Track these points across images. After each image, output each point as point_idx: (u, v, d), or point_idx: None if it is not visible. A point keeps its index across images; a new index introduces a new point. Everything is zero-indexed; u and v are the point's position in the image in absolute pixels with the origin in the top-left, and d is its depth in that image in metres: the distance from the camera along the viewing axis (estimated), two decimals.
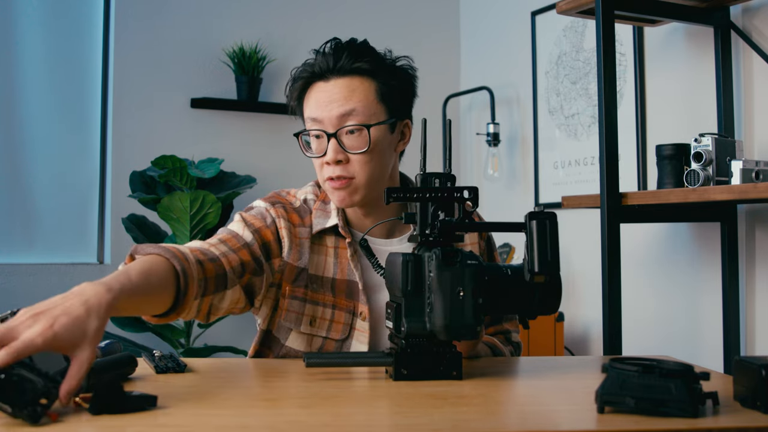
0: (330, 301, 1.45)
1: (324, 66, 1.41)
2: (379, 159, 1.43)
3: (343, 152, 1.41)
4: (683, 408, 0.94)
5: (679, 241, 2.55)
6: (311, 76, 1.44)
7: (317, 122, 1.42)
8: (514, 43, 3.35)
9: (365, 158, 1.41)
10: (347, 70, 1.41)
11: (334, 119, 1.40)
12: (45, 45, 3.10)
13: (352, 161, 1.41)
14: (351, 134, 1.40)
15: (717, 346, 2.35)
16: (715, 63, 2.37)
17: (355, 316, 1.45)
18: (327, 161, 1.41)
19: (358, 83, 1.41)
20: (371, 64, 1.42)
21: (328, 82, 1.42)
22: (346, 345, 1.45)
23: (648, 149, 2.66)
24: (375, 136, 1.41)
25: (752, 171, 2.02)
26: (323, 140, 1.42)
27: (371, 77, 1.42)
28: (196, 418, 0.95)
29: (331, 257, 1.47)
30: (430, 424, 0.92)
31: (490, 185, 3.43)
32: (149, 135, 3.15)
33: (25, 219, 3.05)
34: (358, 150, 1.40)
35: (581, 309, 2.94)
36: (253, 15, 3.36)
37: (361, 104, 1.40)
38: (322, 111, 1.41)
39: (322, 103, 1.41)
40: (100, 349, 1.24)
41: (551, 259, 1.13)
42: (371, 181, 1.42)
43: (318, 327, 1.45)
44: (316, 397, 1.08)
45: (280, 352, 1.48)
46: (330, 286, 1.46)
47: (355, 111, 1.40)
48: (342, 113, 1.40)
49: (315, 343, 1.46)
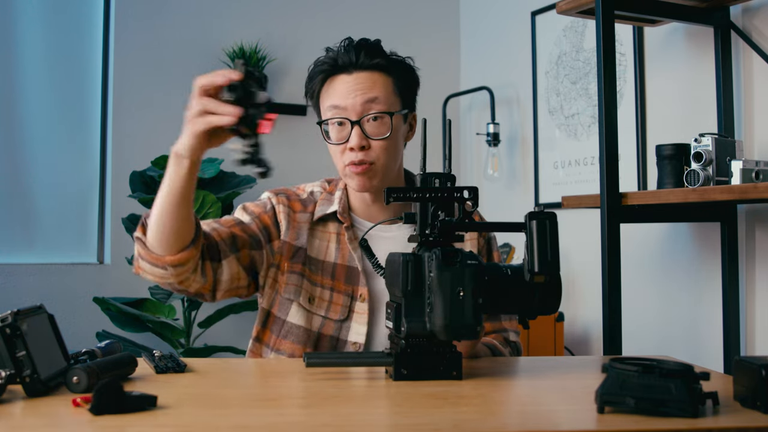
0: (328, 284, 1.53)
1: (347, 60, 1.51)
2: (396, 146, 1.53)
3: (365, 138, 1.49)
4: (683, 408, 0.94)
5: (679, 241, 2.55)
6: (333, 69, 1.52)
7: (340, 110, 1.50)
8: (514, 43, 3.35)
9: (386, 144, 1.50)
10: (368, 65, 1.51)
11: (358, 107, 1.49)
12: (45, 45, 3.10)
13: (373, 147, 1.50)
14: (374, 121, 1.49)
15: (717, 346, 2.35)
16: (715, 63, 2.37)
17: (354, 299, 1.52)
18: (351, 146, 1.49)
19: (378, 76, 1.51)
20: (388, 60, 1.53)
21: (351, 74, 1.51)
22: (346, 326, 1.52)
23: (648, 149, 2.66)
24: (395, 123, 1.51)
25: (752, 171, 2.02)
26: (345, 128, 1.50)
27: (388, 73, 1.53)
28: (196, 418, 0.95)
29: (333, 243, 1.56)
30: (430, 424, 0.92)
31: (490, 185, 3.43)
32: (149, 135, 3.15)
33: (25, 219, 3.05)
34: (381, 136, 1.49)
35: (581, 309, 2.94)
36: (253, 15, 3.36)
37: (383, 94, 1.50)
38: (346, 99, 1.49)
39: (346, 92, 1.50)
40: (100, 349, 1.24)
41: (551, 259, 1.13)
42: (389, 167, 1.52)
43: (317, 306, 1.53)
44: (316, 397, 1.08)
45: (281, 331, 1.53)
46: (330, 271, 1.54)
47: (378, 99, 1.49)
48: (366, 101, 1.49)
49: (315, 322, 1.53)
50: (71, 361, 1.14)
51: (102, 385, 0.94)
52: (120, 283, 3.06)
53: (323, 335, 1.52)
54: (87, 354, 1.21)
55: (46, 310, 1.12)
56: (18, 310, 1.03)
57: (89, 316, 2.95)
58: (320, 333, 1.52)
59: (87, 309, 2.96)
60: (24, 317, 1.03)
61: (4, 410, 0.96)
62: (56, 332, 1.12)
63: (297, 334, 1.52)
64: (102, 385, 0.94)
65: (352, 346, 1.51)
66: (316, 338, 1.52)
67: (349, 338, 1.51)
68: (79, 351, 1.21)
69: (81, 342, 2.13)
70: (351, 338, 1.51)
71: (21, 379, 1.00)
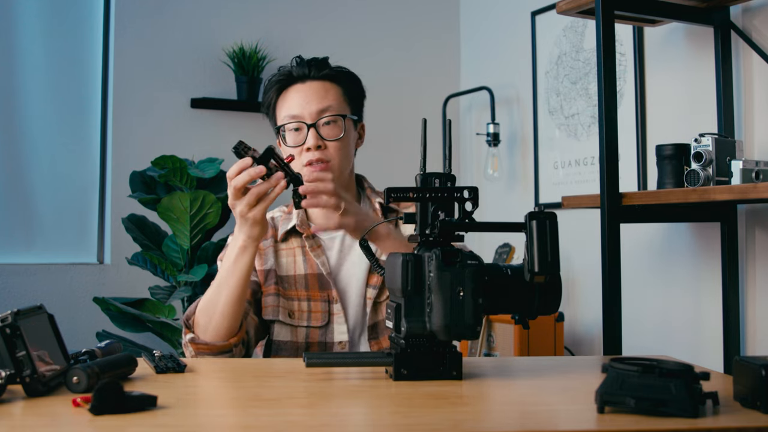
0: (304, 295, 1.64)
1: (300, 72, 1.66)
2: (349, 148, 1.66)
3: (320, 139, 1.62)
4: (683, 408, 0.94)
5: (679, 241, 2.55)
6: (289, 79, 1.67)
7: (297, 117, 1.63)
8: (514, 43, 3.35)
9: (340, 145, 1.63)
10: (320, 75, 1.66)
11: (313, 113, 1.63)
12: (45, 45, 3.10)
13: (328, 147, 1.62)
14: (327, 125, 1.63)
15: (717, 346, 2.35)
16: (715, 63, 2.37)
17: (330, 302, 1.63)
18: (308, 146, 1.61)
19: (330, 85, 1.67)
20: (337, 72, 1.69)
21: (305, 83, 1.66)
22: (330, 329, 1.62)
23: (648, 149, 2.66)
24: (347, 126, 1.65)
25: (752, 171, 2.02)
26: (301, 132, 1.63)
27: (338, 82, 1.68)
28: (196, 418, 0.95)
29: (299, 256, 1.67)
30: (430, 424, 0.92)
31: (490, 185, 3.43)
32: (149, 135, 3.15)
33: (25, 219, 3.04)
34: (335, 137, 1.63)
35: (581, 309, 2.94)
36: (253, 15, 3.36)
37: (335, 101, 1.65)
38: (302, 108, 1.63)
39: (301, 101, 1.64)
40: (100, 349, 1.25)
41: (551, 259, 1.13)
42: (343, 167, 1.64)
43: (298, 318, 1.63)
44: (316, 397, 1.08)
45: (272, 350, 1.64)
46: (303, 282, 1.64)
47: (331, 107, 1.64)
48: (320, 108, 1.63)
49: (300, 333, 1.62)
50: (71, 361, 1.13)
51: (102, 385, 0.94)
52: (120, 283, 3.06)
53: (311, 343, 1.62)
54: (87, 354, 1.21)
55: (46, 310, 1.12)
56: (18, 310, 1.03)
57: (89, 316, 2.95)
58: (308, 342, 1.62)
59: (87, 309, 2.96)
60: (24, 317, 1.03)
61: (4, 410, 0.96)
62: (56, 332, 1.12)
63: (287, 349, 1.62)
64: (102, 385, 0.94)
65: (338, 346, 1.60)
66: (305, 348, 1.62)
67: (335, 339, 1.61)
68: (79, 351, 1.21)
69: (81, 342, 2.13)
70: (336, 339, 1.61)
71: (21, 379, 1.00)
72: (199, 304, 1.53)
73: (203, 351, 1.50)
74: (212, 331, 1.49)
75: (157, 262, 2.86)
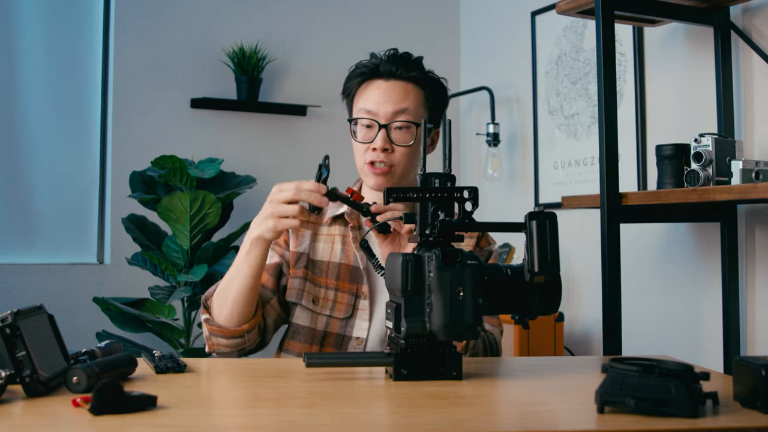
0: (333, 284, 1.61)
1: (387, 69, 1.61)
2: (415, 156, 1.61)
3: (390, 143, 1.58)
4: (683, 408, 0.94)
5: (679, 241, 2.55)
6: (373, 73, 1.62)
7: (371, 114, 1.60)
8: (514, 43, 3.35)
9: (407, 151, 1.59)
10: (405, 76, 1.61)
11: (389, 114, 1.59)
12: (45, 45, 3.10)
13: (396, 152, 1.59)
14: (399, 129, 1.59)
15: (717, 346, 2.35)
16: (715, 63, 2.37)
17: (358, 297, 1.60)
18: (375, 147, 1.58)
19: (412, 88, 1.62)
20: (424, 75, 1.64)
21: (388, 81, 1.61)
22: (350, 323, 1.59)
23: (648, 149, 2.66)
24: (419, 134, 1.59)
25: (752, 171, 2.02)
26: (372, 130, 1.60)
27: (422, 87, 1.63)
28: (196, 418, 0.95)
29: (338, 244, 1.63)
30: (430, 424, 0.92)
31: (490, 185, 3.43)
32: (149, 135, 3.15)
33: (25, 219, 3.05)
34: (404, 143, 1.59)
35: (581, 309, 2.94)
36: (253, 15, 3.36)
37: (413, 106, 1.60)
38: (379, 105, 1.59)
39: (379, 99, 1.60)
40: (100, 349, 1.24)
41: (551, 259, 1.13)
42: (406, 173, 1.61)
43: (322, 306, 1.60)
44: (316, 397, 1.08)
45: (289, 332, 1.63)
46: (335, 271, 1.61)
47: (407, 110, 1.59)
48: (396, 110, 1.59)
49: (320, 321, 1.60)
50: (71, 361, 1.13)
51: (102, 385, 0.94)
52: (120, 283, 3.06)
53: (329, 333, 1.60)
54: (87, 354, 1.21)
55: (46, 310, 1.12)
56: (18, 310, 1.03)
57: (89, 316, 2.95)
58: (326, 331, 1.60)
59: (87, 309, 2.96)
60: (24, 317, 1.03)
61: (4, 410, 0.96)
62: (56, 332, 1.12)
63: (303, 334, 1.60)
64: (102, 385, 0.94)
65: (355, 341, 1.58)
66: (322, 336, 1.60)
67: (353, 334, 1.59)
68: (79, 351, 1.21)
69: (81, 342, 2.13)
70: (355, 334, 1.59)
71: (21, 379, 1.00)
72: (217, 288, 1.55)
73: (216, 333, 1.52)
74: (225, 316, 1.51)
75: (157, 262, 2.86)
